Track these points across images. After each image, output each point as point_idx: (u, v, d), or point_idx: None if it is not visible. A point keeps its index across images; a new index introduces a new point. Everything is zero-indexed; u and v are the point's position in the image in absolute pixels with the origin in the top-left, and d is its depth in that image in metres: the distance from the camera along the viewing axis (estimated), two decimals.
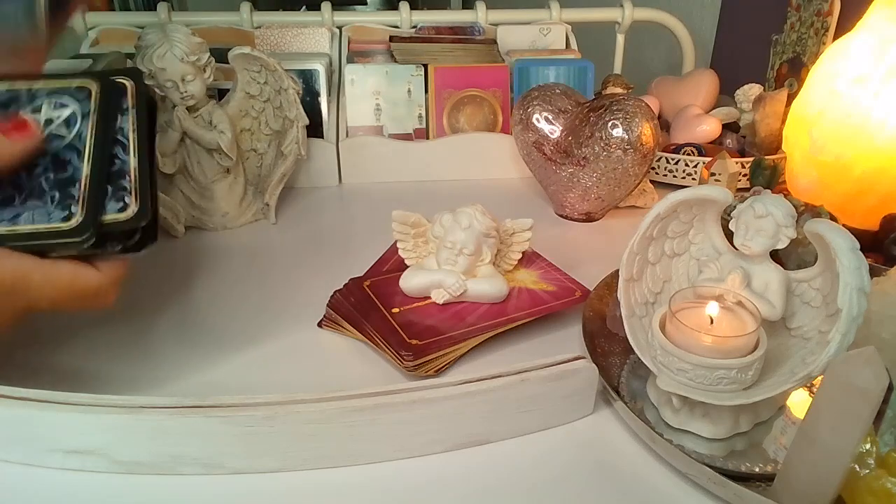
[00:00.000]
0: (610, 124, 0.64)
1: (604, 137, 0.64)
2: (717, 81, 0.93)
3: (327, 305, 0.52)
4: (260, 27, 0.88)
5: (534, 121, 0.70)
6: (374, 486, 0.37)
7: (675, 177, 0.79)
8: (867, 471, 0.33)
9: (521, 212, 0.56)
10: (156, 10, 0.88)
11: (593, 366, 0.41)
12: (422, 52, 0.86)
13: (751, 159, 0.72)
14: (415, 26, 0.94)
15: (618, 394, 0.42)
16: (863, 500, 0.33)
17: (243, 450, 0.37)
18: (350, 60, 0.84)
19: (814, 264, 0.40)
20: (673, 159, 0.78)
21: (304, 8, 0.99)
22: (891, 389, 0.35)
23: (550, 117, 0.69)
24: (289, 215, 0.74)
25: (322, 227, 0.72)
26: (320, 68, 0.80)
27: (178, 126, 0.63)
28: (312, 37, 0.88)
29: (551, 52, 0.91)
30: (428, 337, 0.46)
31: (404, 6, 0.92)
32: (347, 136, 0.82)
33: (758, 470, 0.37)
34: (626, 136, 0.64)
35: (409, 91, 0.83)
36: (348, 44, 0.89)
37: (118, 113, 0.40)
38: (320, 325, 0.52)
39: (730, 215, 0.42)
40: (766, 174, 0.68)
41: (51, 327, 0.50)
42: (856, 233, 0.36)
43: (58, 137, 0.38)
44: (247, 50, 0.65)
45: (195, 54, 0.61)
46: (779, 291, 0.41)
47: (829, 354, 0.35)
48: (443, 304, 0.50)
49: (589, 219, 0.72)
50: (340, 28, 0.91)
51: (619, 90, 0.87)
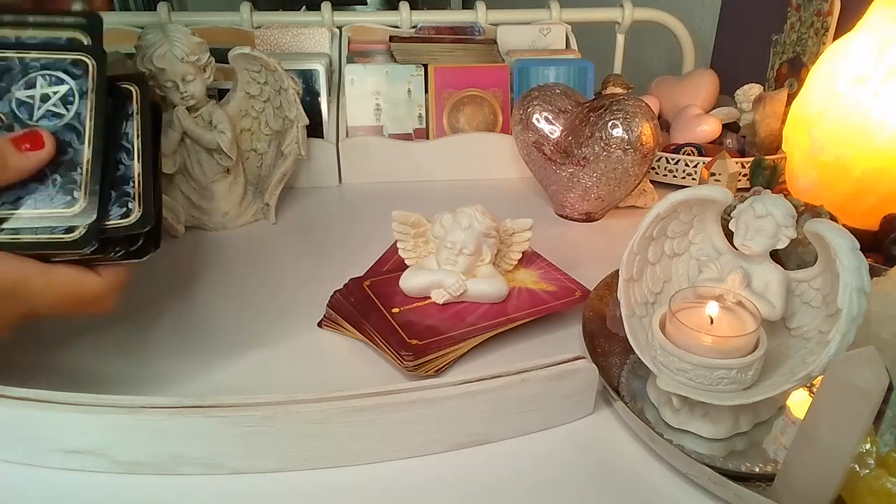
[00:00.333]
0: (610, 124, 0.64)
1: (604, 137, 0.64)
2: (717, 81, 0.93)
3: (327, 305, 0.52)
4: (260, 27, 0.88)
5: (534, 121, 0.70)
6: (374, 486, 0.37)
7: (675, 177, 0.79)
8: (867, 471, 0.33)
9: (521, 212, 0.56)
10: (156, 10, 0.88)
11: (593, 366, 0.41)
12: (422, 52, 0.86)
13: (751, 159, 0.72)
14: (415, 26, 0.94)
15: (618, 394, 0.42)
16: (863, 500, 0.33)
17: (243, 450, 0.37)
18: (350, 60, 0.84)
19: (814, 264, 0.40)
20: (673, 159, 0.78)
21: (304, 8, 0.99)
22: (891, 389, 0.35)
23: (550, 117, 0.69)
24: (289, 215, 0.74)
25: (322, 227, 0.72)
26: (320, 68, 0.80)
27: (178, 126, 0.63)
28: (312, 37, 0.88)
29: (551, 52, 0.91)
30: (428, 337, 0.46)
31: (404, 6, 0.92)
32: (347, 136, 0.82)
33: (758, 470, 0.37)
34: (626, 136, 0.64)
35: (409, 91, 0.83)
36: (348, 44, 0.89)
37: (123, 118, 0.40)
38: (320, 325, 0.52)
39: (730, 215, 0.42)
40: (766, 174, 0.68)
41: (51, 327, 0.50)
42: (856, 233, 0.36)
43: (56, 116, 0.37)
44: (247, 50, 0.65)
45: (195, 54, 0.61)
46: (779, 291, 0.41)
47: (829, 354, 0.35)
48: (443, 304, 0.50)
49: (589, 219, 0.72)
50: (340, 28, 0.91)
51: (619, 90, 0.87)
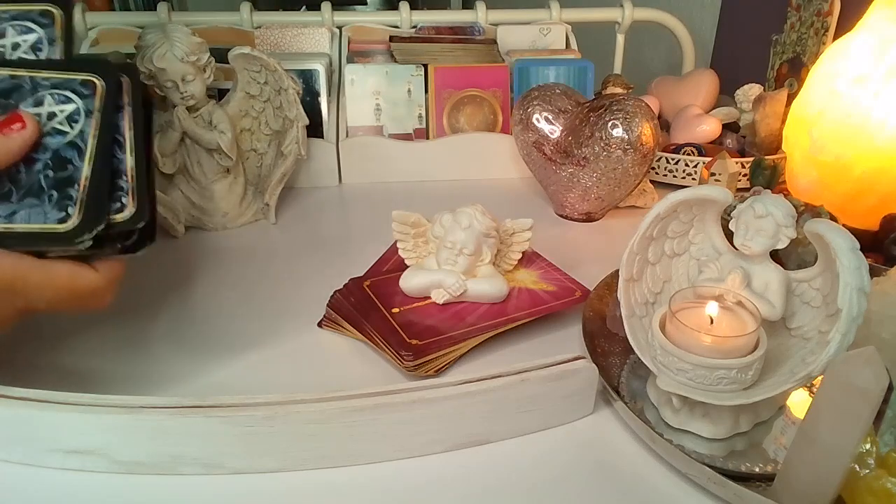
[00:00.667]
0: (610, 124, 0.64)
1: (604, 137, 0.64)
2: (717, 81, 0.93)
3: (327, 305, 0.52)
4: (260, 27, 0.88)
5: (534, 121, 0.70)
6: (374, 486, 0.37)
7: (675, 177, 0.79)
8: (867, 471, 0.33)
9: (521, 212, 0.56)
10: (156, 10, 0.88)
11: (593, 366, 0.41)
12: (422, 52, 0.86)
13: (751, 159, 0.72)
14: (415, 26, 0.94)
15: (618, 394, 0.42)
16: (863, 500, 0.33)
17: (243, 450, 0.37)
18: (350, 60, 0.84)
19: (814, 264, 0.40)
20: (673, 159, 0.78)
21: (304, 8, 0.99)
22: (891, 389, 0.35)
23: (550, 117, 0.69)
24: (289, 215, 0.74)
25: (322, 227, 0.72)
26: (320, 68, 0.80)
27: (178, 126, 0.63)
28: (312, 37, 0.88)
29: (551, 52, 0.91)
30: (428, 337, 0.46)
31: (404, 6, 0.92)
32: (347, 136, 0.82)
33: (758, 470, 0.37)
34: (626, 136, 0.64)
35: (409, 91, 0.83)
36: (348, 44, 0.89)
37: (116, 111, 0.40)
38: (320, 325, 0.52)
39: (730, 215, 0.42)
40: (766, 174, 0.68)
41: (51, 327, 0.50)
42: (856, 233, 0.36)
43: (59, 133, 0.37)
44: (247, 50, 0.65)
45: (195, 54, 0.61)
46: (779, 291, 0.41)
47: (829, 354, 0.35)
48: (443, 304, 0.50)
49: (589, 219, 0.72)
50: (340, 28, 0.91)
51: (619, 90, 0.87)
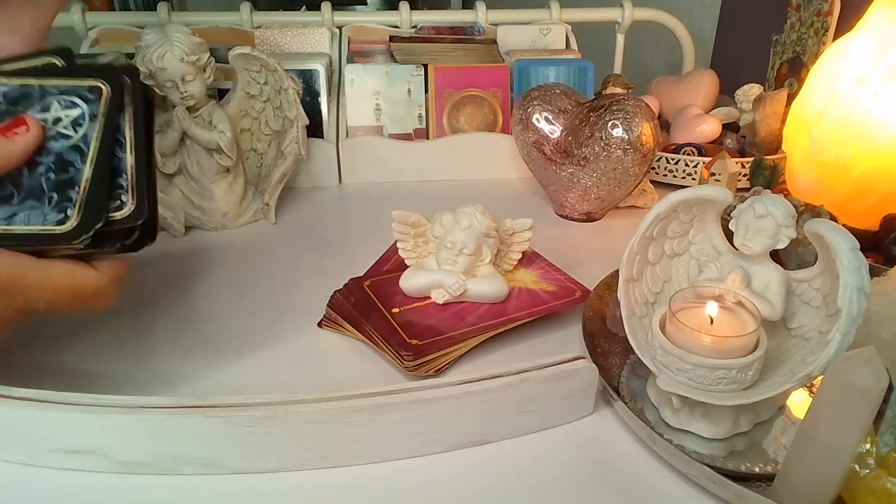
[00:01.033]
0: (610, 124, 0.64)
1: (604, 137, 0.64)
2: (717, 81, 0.93)
3: (327, 305, 0.52)
4: (260, 27, 0.88)
5: (534, 121, 0.70)
6: (374, 486, 0.37)
7: (675, 177, 0.79)
8: (867, 471, 0.33)
9: (521, 212, 0.56)
10: (156, 10, 0.88)
11: (593, 366, 0.41)
12: (422, 52, 0.86)
13: (751, 159, 0.72)
14: (415, 26, 0.94)
15: (618, 394, 0.42)
16: (863, 500, 0.33)
17: (243, 450, 0.37)
18: (350, 60, 0.84)
19: (814, 264, 0.40)
20: (673, 159, 0.78)
21: (304, 8, 0.99)
22: (891, 389, 0.35)
23: (550, 117, 0.69)
24: (289, 215, 0.74)
25: (322, 227, 0.72)
26: (320, 68, 0.80)
27: (178, 126, 0.63)
28: (312, 37, 0.88)
29: (551, 52, 0.91)
30: (428, 337, 0.46)
31: (404, 6, 0.92)
32: (347, 136, 0.82)
33: (758, 470, 0.37)
34: (626, 136, 0.64)
35: (409, 91, 0.83)
36: (348, 44, 0.89)
37: (117, 112, 0.40)
38: (320, 325, 0.52)
39: (730, 215, 0.42)
40: (766, 174, 0.68)
41: (51, 327, 0.50)
42: (856, 233, 0.36)
43: (64, 137, 0.37)
44: (247, 50, 0.65)
45: (195, 54, 0.61)
46: (779, 291, 0.41)
47: (829, 354, 0.35)
48: (443, 304, 0.50)
49: (589, 219, 0.72)
50: (340, 28, 0.91)
51: (619, 90, 0.87)
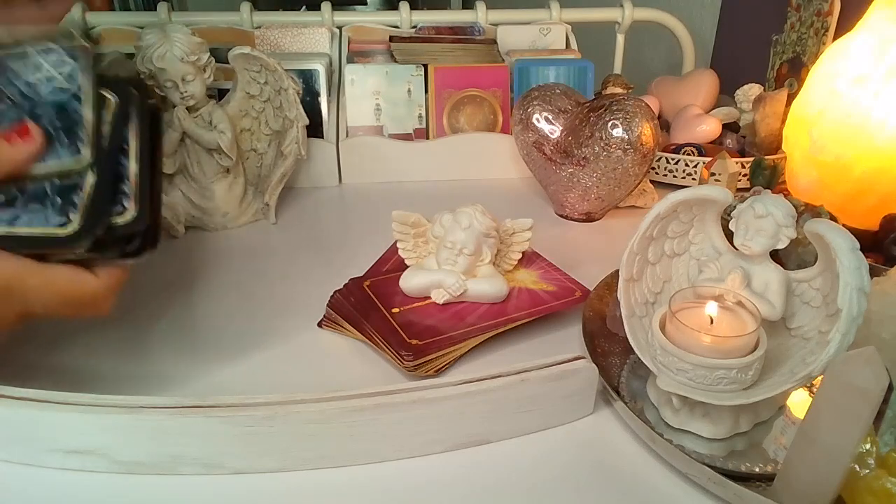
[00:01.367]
0: (610, 124, 0.64)
1: (604, 137, 0.64)
2: (717, 81, 0.93)
3: (327, 305, 0.52)
4: (260, 27, 0.88)
5: (534, 121, 0.70)
6: (374, 486, 0.37)
7: (675, 177, 0.79)
8: (867, 471, 0.33)
9: (521, 212, 0.56)
10: (156, 10, 0.88)
11: (593, 366, 0.41)
12: (422, 52, 0.86)
13: (751, 159, 0.72)
14: (415, 26, 0.94)
15: (618, 394, 0.42)
16: (863, 500, 0.33)
17: (243, 450, 0.37)
18: (350, 60, 0.84)
19: (814, 264, 0.40)
20: (673, 159, 0.78)
21: (304, 8, 0.99)
22: (891, 389, 0.35)
23: (550, 117, 0.69)
24: (289, 215, 0.74)
25: (322, 227, 0.72)
26: (320, 68, 0.80)
27: (178, 126, 0.63)
28: (312, 37, 0.88)
29: (551, 52, 0.91)
30: (428, 337, 0.46)
31: (404, 6, 0.92)
32: (347, 136, 0.82)
33: (758, 470, 0.37)
34: (626, 136, 0.64)
35: (409, 91, 0.83)
36: (348, 44, 0.89)
37: (123, 122, 0.40)
38: (320, 325, 0.52)
39: (730, 215, 0.42)
40: (766, 174, 0.68)
41: (51, 327, 0.50)
42: (856, 233, 0.36)
43: (62, 91, 0.38)
44: (247, 50, 0.65)
45: (195, 54, 0.61)
46: (779, 291, 0.41)
47: (829, 354, 0.35)
48: (443, 304, 0.50)
49: (589, 219, 0.72)
50: (340, 28, 0.91)
51: (619, 90, 0.87)
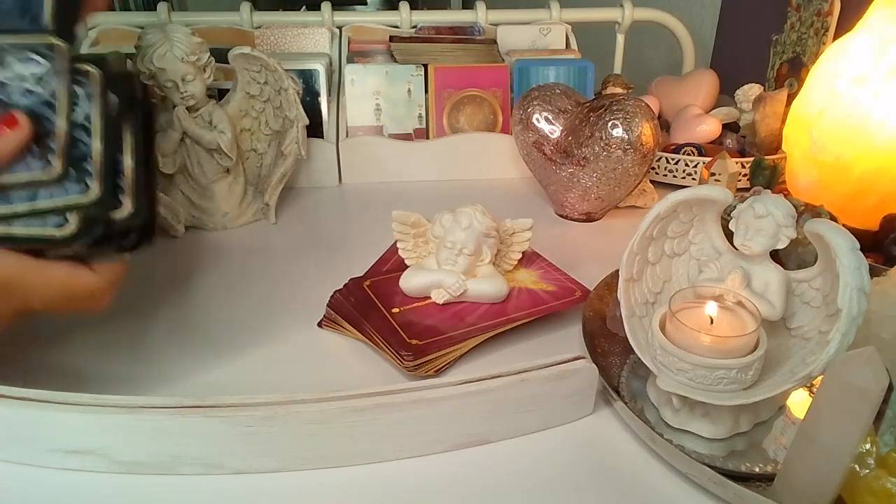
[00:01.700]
0: (610, 124, 0.64)
1: (604, 137, 0.64)
2: (717, 81, 0.93)
3: (327, 305, 0.52)
4: (260, 27, 0.88)
5: (534, 121, 0.70)
6: (374, 486, 0.37)
7: (675, 177, 0.79)
8: (867, 471, 0.33)
9: (521, 212, 0.56)
10: (156, 10, 0.88)
11: (593, 366, 0.41)
12: (422, 52, 0.86)
13: (751, 159, 0.72)
14: (415, 26, 0.94)
15: (618, 394, 0.42)
16: (863, 500, 0.33)
17: (243, 450, 0.37)
18: (350, 60, 0.84)
19: (814, 264, 0.40)
20: (673, 159, 0.78)
21: (304, 8, 0.99)
22: (891, 389, 0.35)
23: (550, 117, 0.69)
24: (289, 215, 0.74)
25: (322, 227, 0.72)
26: (320, 68, 0.80)
27: (178, 126, 0.63)
28: (312, 37, 0.88)
29: (551, 52, 0.91)
30: (428, 337, 0.46)
31: (404, 6, 0.92)
32: (347, 136, 0.82)
33: (758, 470, 0.37)
34: (626, 136, 0.64)
35: (409, 91, 0.83)
36: (348, 44, 0.89)
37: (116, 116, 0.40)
38: (320, 325, 0.52)
39: (730, 215, 0.42)
40: (766, 174, 0.68)
41: (51, 327, 0.50)
42: (856, 233, 0.36)
43: (28, 94, 0.37)
44: (247, 50, 0.65)
45: (195, 54, 0.61)
46: (779, 291, 0.41)
47: (829, 354, 0.35)
48: (443, 304, 0.50)
49: (589, 219, 0.72)
50: (340, 28, 0.91)
51: (619, 90, 0.87)
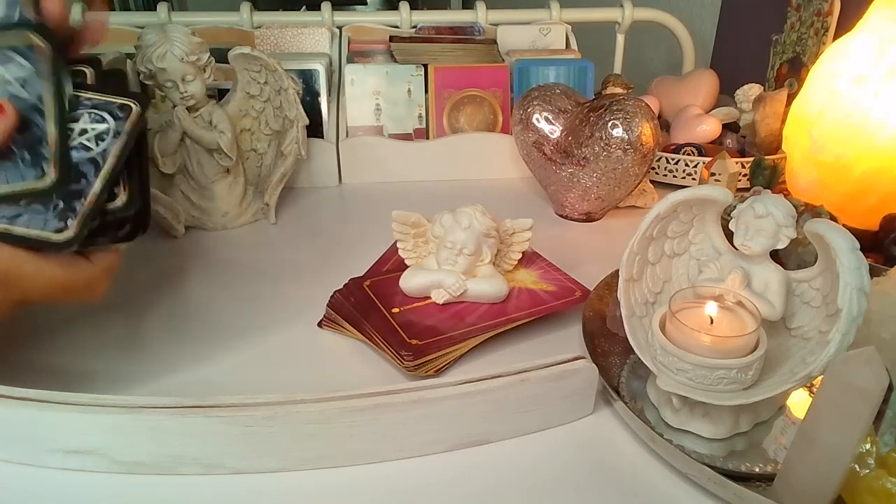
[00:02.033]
0: (610, 124, 0.64)
1: (604, 137, 0.64)
2: (717, 81, 0.93)
3: (327, 305, 0.52)
4: (260, 27, 0.88)
5: (534, 121, 0.70)
6: (374, 486, 0.37)
7: (675, 177, 0.79)
8: (867, 471, 0.33)
9: (521, 212, 0.56)
10: (156, 10, 0.88)
11: (593, 366, 0.41)
12: (422, 52, 0.86)
13: (751, 159, 0.72)
14: (415, 26, 0.94)
15: (618, 394, 0.42)
16: (863, 500, 0.33)
17: (243, 450, 0.37)
18: (350, 60, 0.84)
19: (814, 264, 0.40)
20: (673, 159, 0.78)
21: (304, 8, 0.99)
22: (891, 389, 0.35)
23: (550, 117, 0.69)
24: (289, 215, 0.74)
25: (322, 227, 0.72)
26: (320, 68, 0.80)
27: (178, 126, 0.63)
28: (312, 37, 0.88)
29: (551, 52, 0.91)
30: (428, 337, 0.46)
31: (404, 6, 0.92)
32: (347, 136, 0.82)
33: (758, 470, 0.37)
34: (626, 136, 0.64)
35: (409, 91, 0.83)
36: (348, 44, 0.89)
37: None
38: (320, 325, 0.52)
39: (730, 215, 0.42)
40: (766, 174, 0.68)
41: (51, 327, 0.50)
42: (856, 233, 0.36)
43: (85, 149, 0.38)
44: (247, 50, 0.65)
45: (195, 54, 0.61)
46: (779, 291, 0.41)
47: (829, 354, 0.35)
48: (443, 304, 0.50)
49: (589, 219, 0.72)
50: (340, 28, 0.91)
51: (619, 90, 0.87)
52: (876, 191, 0.58)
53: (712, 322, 0.39)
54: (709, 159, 0.72)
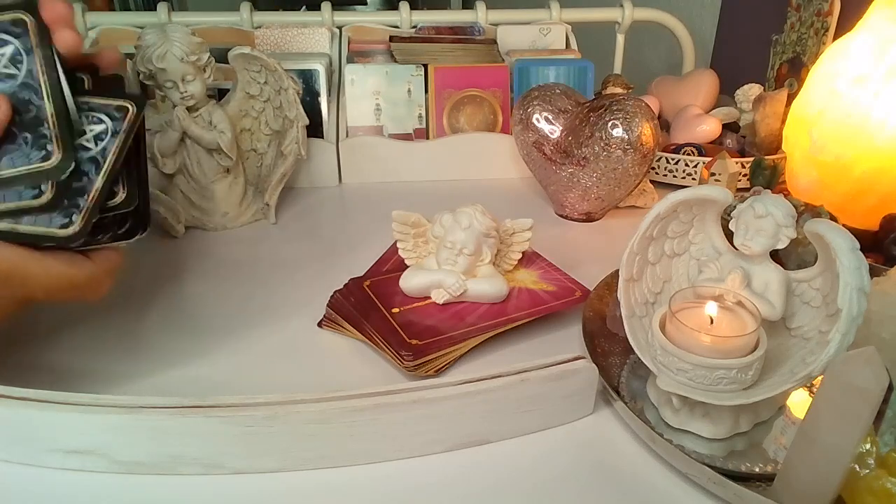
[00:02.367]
0: (610, 124, 0.64)
1: (604, 137, 0.64)
2: (717, 81, 0.93)
3: (327, 305, 0.52)
4: (260, 27, 0.88)
5: (534, 121, 0.70)
6: (374, 486, 0.37)
7: (675, 177, 0.79)
8: (867, 471, 0.33)
9: (521, 212, 0.56)
10: (156, 10, 0.88)
11: (593, 366, 0.41)
12: (422, 52, 0.86)
13: (751, 159, 0.72)
14: (415, 26, 0.94)
15: (618, 394, 0.42)
16: (863, 500, 0.33)
17: (243, 450, 0.37)
18: (350, 60, 0.84)
19: (814, 264, 0.40)
20: (673, 159, 0.78)
21: (304, 8, 0.99)
22: (891, 389, 0.35)
23: (550, 117, 0.69)
24: (289, 215, 0.74)
25: (322, 227, 0.72)
26: (320, 68, 0.80)
27: (178, 126, 0.63)
28: (312, 37, 0.88)
29: (551, 52, 0.91)
30: (428, 337, 0.46)
31: (404, 6, 0.92)
32: (347, 136, 0.82)
33: (758, 470, 0.37)
34: (626, 136, 0.64)
35: (409, 91, 0.83)
36: (348, 44, 0.89)
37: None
38: (320, 325, 0.52)
39: (730, 215, 0.42)
40: (766, 174, 0.68)
41: (51, 327, 0.50)
42: (856, 233, 0.36)
43: (83, 149, 0.38)
44: (247, 50, 0.65)
45: (195, 54, 0.61)
46: (779, 291, 0.41)
47: (829, 354, 0.35)
48: (443, 304, 0.50)
49: (589, 219, 0.72)
50: (340, 28, 0.91)
51: (619, 90, 0.87)
52: (876, 191, 0.58)
53: (712, 322, 0.39)
54: (709, 159, 0.72)
